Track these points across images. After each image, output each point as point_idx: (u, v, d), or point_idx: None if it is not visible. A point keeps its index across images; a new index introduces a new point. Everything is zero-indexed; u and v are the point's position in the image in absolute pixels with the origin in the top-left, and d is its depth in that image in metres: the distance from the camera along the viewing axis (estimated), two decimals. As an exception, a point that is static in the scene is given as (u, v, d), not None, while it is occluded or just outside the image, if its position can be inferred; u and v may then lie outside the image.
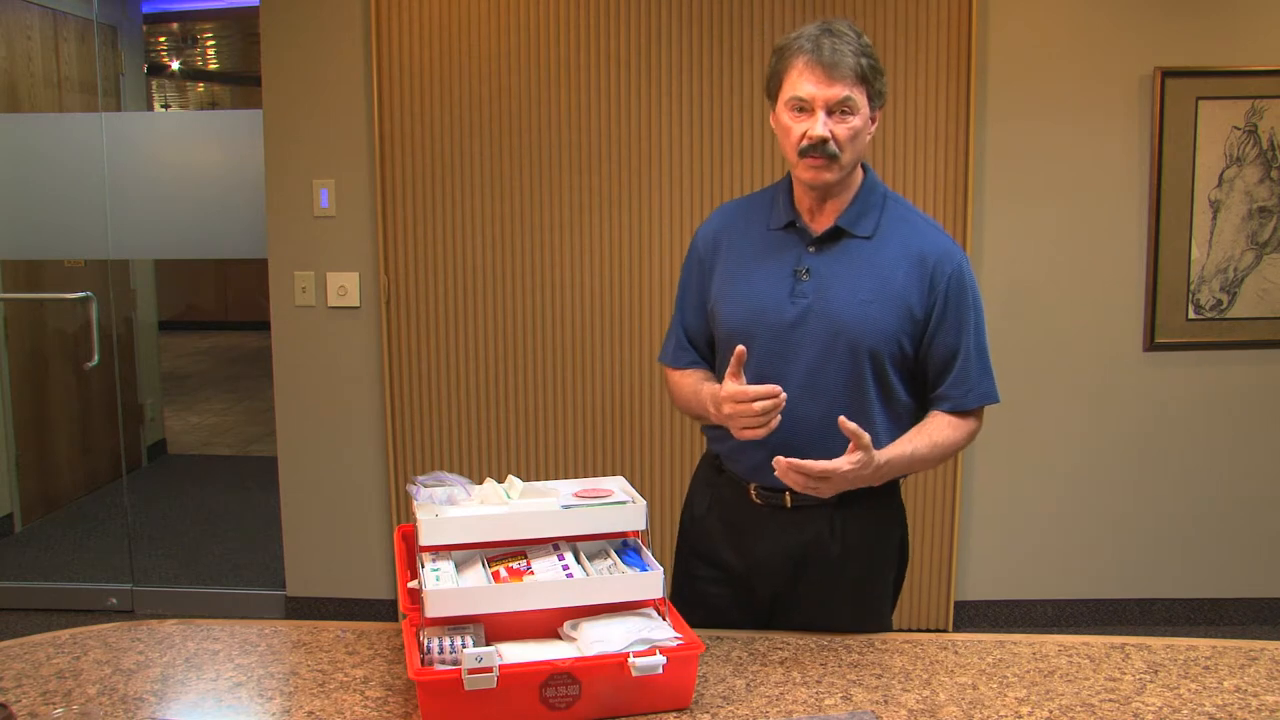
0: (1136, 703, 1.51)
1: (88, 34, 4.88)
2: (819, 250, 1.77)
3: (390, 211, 3.46)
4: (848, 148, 1.69)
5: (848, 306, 1.73)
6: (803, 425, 1.75)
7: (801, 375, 1.75)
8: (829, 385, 1.75)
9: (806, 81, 1.68)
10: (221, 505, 5.09)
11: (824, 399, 1.75)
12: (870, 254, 1.76)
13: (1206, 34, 3.34)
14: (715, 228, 1.90)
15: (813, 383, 1.75)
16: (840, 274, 1.75)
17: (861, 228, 1.77)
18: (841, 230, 1.77)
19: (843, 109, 1.68)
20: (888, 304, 1.73)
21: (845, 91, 1.67)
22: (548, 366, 3.50)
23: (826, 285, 1.75)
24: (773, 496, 1.81)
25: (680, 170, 3.40)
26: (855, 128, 1.69)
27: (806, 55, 1.68)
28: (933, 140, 3.34)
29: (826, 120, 1.67)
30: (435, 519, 1.60)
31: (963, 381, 1.77)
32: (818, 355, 1.74)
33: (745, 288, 1.80)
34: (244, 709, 1.52)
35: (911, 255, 1.76)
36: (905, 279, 1.74)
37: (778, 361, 1.76)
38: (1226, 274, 3.44)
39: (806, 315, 1.75)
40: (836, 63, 1.66)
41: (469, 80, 3.40)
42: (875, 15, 3.30)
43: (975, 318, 1.79)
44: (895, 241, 1.77)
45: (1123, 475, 3.55)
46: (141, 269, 5.42)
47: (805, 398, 1.75)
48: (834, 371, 1.74)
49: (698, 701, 1.51)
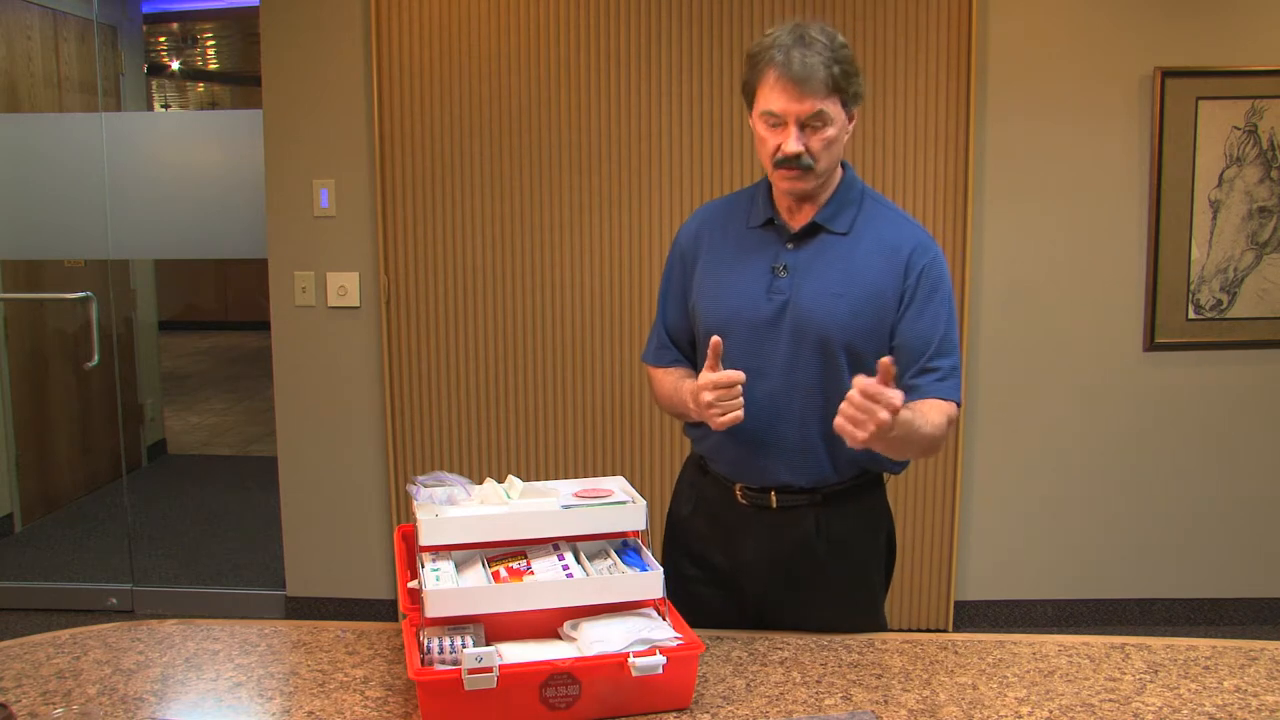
0: (1136, 703, 1.51)
1: (88, 34, 4.88)
2: (797, 247, 1.78)
3: (390, 211, 3.46)
4: (822, 157, 1.70)
5: (818, 301, 1.74)
6: (783, 418, 1.76)
7: (779, 370, 1.76)
8: (805, 380, 1.75)
9: (778, 96, 1.67)
10: (221, 505, 5.09)
11: (800, 393, 1.76)
12: (846, 249, 1.76)
13: (1206, 34, 3.34)
14: (696, 226, 1.90)
15: (790, 377, 1.76)
16: (815, 269, 1.76)
17: (838, 224, 1.77)
18: (819, 226, 1.77)
19: (815, 123, 1.67)
20: (859, 298, 1.73)
21: (817, 105, 1.66)
22: (547, 366, 3.50)
23: (801, 281, 1.76)
24: (758, 497, 1.81)
25: (680, 170, 3.40)
26: (829, 138, 1.69)
27: (778, 69, 1.66)
28: (933, 140, 3.34)
29: (799, 135, 1.67)
30: (435, 519, 1.60)
31: (935, 370, 1.74)
32: (792, 350, 1.75)
33: (725, 285, 1.81)
34: (244, 709, 1.52)
35: (886, 247, 1.76)
36: (879, 271, 1.74)
37: (756, 357, 1.77)
38: (1226, 274, 3.44)
39: (783, 311, 1.75)
40: (807, 77, 1.64)
41: (469, 80, 3.40)
42: (875, 15, 3.30)
43: (948, 313, 1.77)
44: (870, 236, 1.77)
45: (1123, 475, 3.55)
46: (141, 269, 5.42)
47: (783, 392, 1.76)
48: (808, 366, 1.75)
49: (698, 701, 1.51)
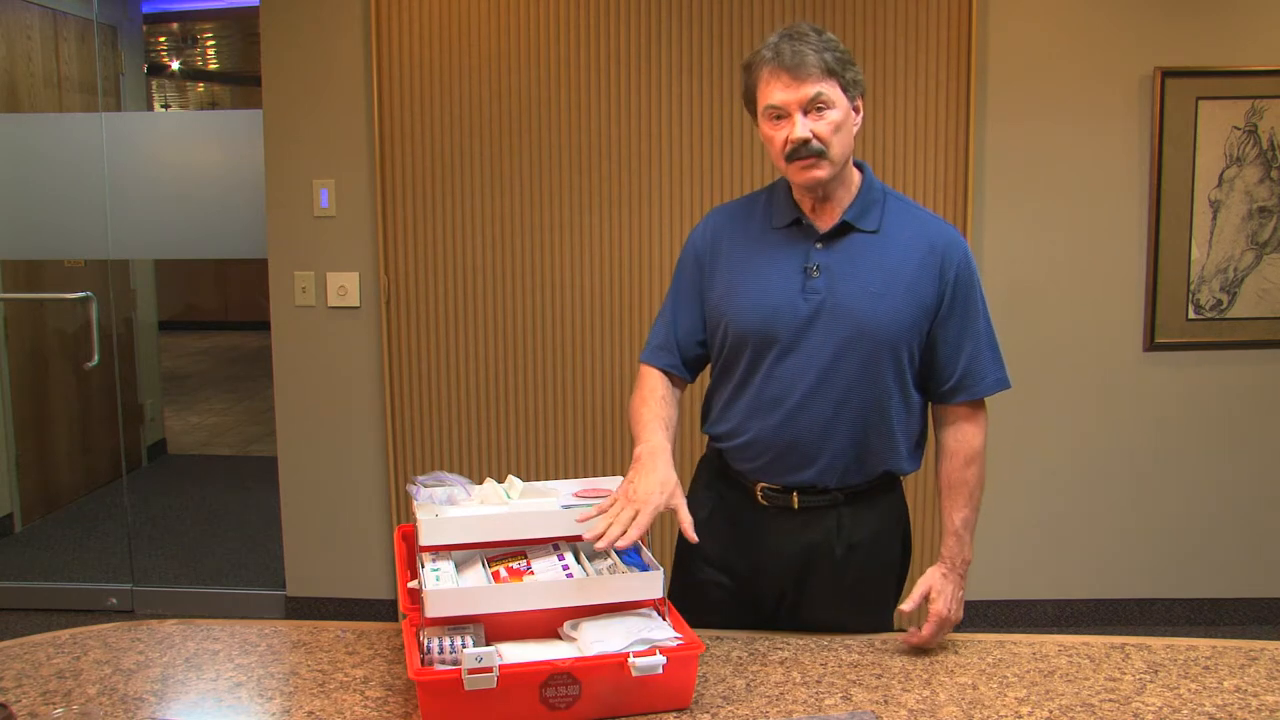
0: (1136, 703, 1.51)
1: (88, 34, 4.88)
2: (826, 246, 1.77)
3: (390, 211, 3.46)
4: (833, 141, 1.69)
5: (860, 300, 1.73)
6: (815, 422, 1.75)
7: (815, 372, 1.74)
8: (843, 381, 1.74)
9: (775, 89, 1.68)
10: (221, 505, 5.09)
11: (837, 395, 1.75)
12: (879, 248, 1.76)
13: (1206, 34, 3.34)
14: (713, 228, 1.88)
15: (826, 379, 1.74)
16: (850, 269, 1.75)
17: (867, 222, 1.77)
18: (849, 225, 1.77)
19: (818, 106, 1.68)
20: (899, 296, 1.73)
21: (815, 88, 1.67)
22: (548, 366, 3.50)
23: (837, 281, 1.74)
24: (780, 497, 1.81)
25: (680, 170, 3.40)
26: (835, 121, 1.69)
27: (770, 64, 1.69)
28: (933, 140, 3.34)
29: (804, 121, 1.68)
30: (435, 519, 1.60)
31: (977, 370, 1.78)
32: (832, 351, 1.74)
33: (755, 287, 1.78)
34: (244, 709, 1.52)
35: (920, 246, 1.76)
36: (916, 270, 1.75)
37: (791, 359, 1.75)
38: (1226, 274, 3.44)
39: (819, 312, 1.74)
40: (799, 63, 1.66)
41: (469, 80, 3.40)
42: (875, 15, 3.30)
43: (983, 304, 1.81)
44: (902, 234, 1.77)
45: (1123, 475, 3.55)
46: (141, 269, 5.42)
47: (818, 394, 1.74)
48: (848, 367, 1.74)
49: (698, 701, 1.51)
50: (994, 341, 1.81)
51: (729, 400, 1.84)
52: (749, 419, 1.80)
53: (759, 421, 1.78)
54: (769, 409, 1.77)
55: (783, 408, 1.76)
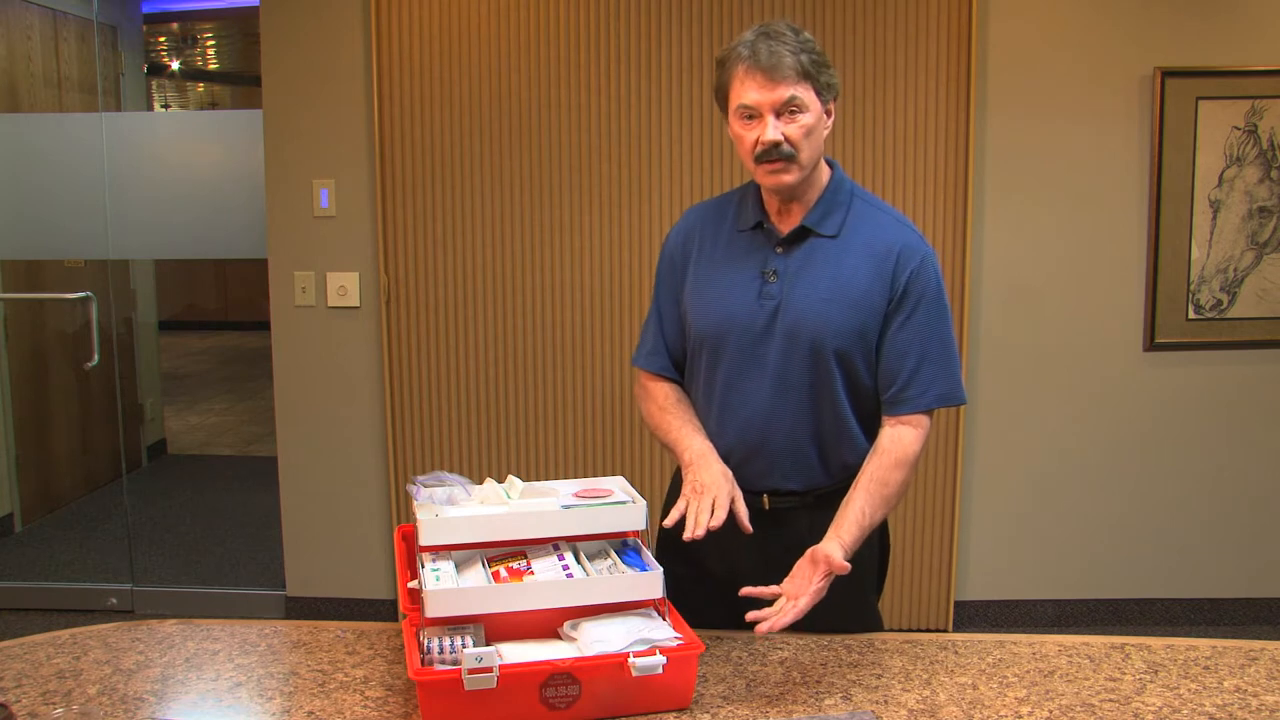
0: (1136, 703, 1.51)
1: (88, 34, 4.88)
2: (786, 251, 1.77)
3: (390, 211, 3.46)
4: (803, 146, 1.68)
5: (811, 306, 1.73)
6: (776, 422, 1.76)
7: (771, 378, 1.75)
8: (796, 384, 1.75)
9: (749, 88, 1.67)
10: (221, 505, 5.09)
11: (793, 398, 1.75)
12: (835, 253, 1.75)
13: (1206, 34, 3.34)
14: (686, 228, 1.89)
15: (782, 384, 1.75)
16: (804, 274, 1.75)
17: (827, 227, 1.76)
18: (807, 230, 1.76)
19: (790, 109, 1.67)
20: (848, 302, 1.72)
21: (789, 91, 1.66)
22: (548, 367, 3.50)
23: (792, 286, 1.74)
24: (751, 500, 1.80)
25: (680, 170, 3.40)
26: (807, 125, 1.68)
27: (745, 63, 1.67)
28: (933, 139, 3.34)
29: (776, 123, 1.67)
30: (435, 519, 1.60)
31: (919, 381, 1.74)
32: (783, 356, 1.74)
33: (715, 291, 1.79)
34: (244, 709, 1.52)
35: (875, 251, 1.74)
36: (868, 276, 1.73)
37: (748, 364, 1.76)
38: (1226, 274, 3.44)
39: (774, 316, 1.74)
40: (775, 65, 1.65)
41: (469, 80, 3.40)
42: (875, 15, 3.30)
43: (939, 314, 1.75)
44: (859, 239, 1.75)
45: (1123, 475, 3.55)
46: (141, 269, 5.41)
47: (776, 396, 1.75)
48: (800, 372, 1.74)
49: (698, 701, 1.51)
50: (948, 355, 1.75)
51: (697, 403, 1.86)
52: (714, 423, 1.81)
53: (723, 426, 1.80)
54: (731, 413, 1.79)
55: (743, 413, 1.76)
